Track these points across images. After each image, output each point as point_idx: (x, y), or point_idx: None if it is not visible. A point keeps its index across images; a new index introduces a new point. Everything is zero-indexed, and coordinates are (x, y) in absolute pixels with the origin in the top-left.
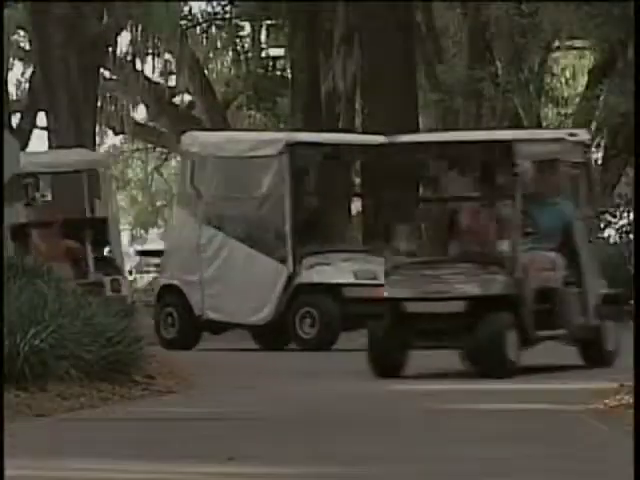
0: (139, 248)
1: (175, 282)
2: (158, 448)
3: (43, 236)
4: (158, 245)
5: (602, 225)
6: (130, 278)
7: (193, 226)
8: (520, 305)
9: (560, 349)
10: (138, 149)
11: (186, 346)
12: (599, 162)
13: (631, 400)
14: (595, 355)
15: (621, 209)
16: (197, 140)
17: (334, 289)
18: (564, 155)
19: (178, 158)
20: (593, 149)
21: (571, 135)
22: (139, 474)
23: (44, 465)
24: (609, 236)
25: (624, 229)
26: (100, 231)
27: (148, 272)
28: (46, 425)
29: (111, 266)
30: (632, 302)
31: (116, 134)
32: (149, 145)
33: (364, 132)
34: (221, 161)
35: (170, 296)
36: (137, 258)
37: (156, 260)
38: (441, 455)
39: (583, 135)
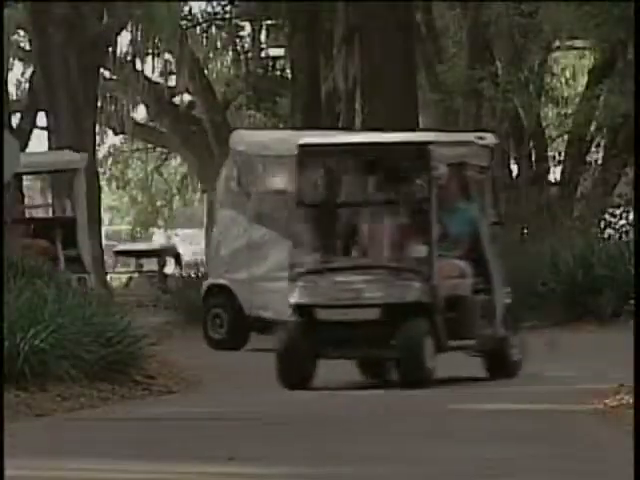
0: (117, 248)
1: (224, 282)
2: (158, 448)
3: (11, 234)
4: (144, 245)
5: (602, 225)
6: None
7: (242, 225)
8: (435, 313)
9: (460, 358)
10: (138, 149)
11: (235, 346)
12: (599, 162)
13: (631, 400)
14: (500, 366)
15: (621, 209)
16: (244, 139)
17: None
18: (472, 159)
19: (178, 158)
20: (593, 149)
21: (479, 139)
22: (139, 474)
23: (44, 465)
24: (609, 236)
25: (624, 229)
26: (70, 231)
27: (126, 272)
28: (46, 425)
29: (80, 265)
30: (632, 302)
31: (116, 134)
32: (149, 145)
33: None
34: (271, 160)
35: (218, 296)
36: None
37: (138, 260)
38: (441, 455)
39: (490, 139)
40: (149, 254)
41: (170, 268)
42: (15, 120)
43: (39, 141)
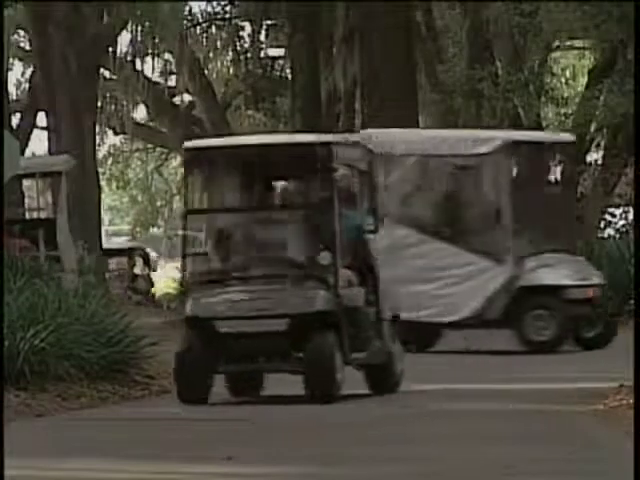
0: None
1: None
2: (158, 448)
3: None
4: (114, 244)
5: (602, 225)
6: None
7: (385, 226)
8: (341, 323)
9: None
10: (138, 149)
11: None
12: (599, 162)
13: (631, 400)
14: (384, 381)
15: (621, 209)
16: (374, 138)
17: (557, 291)
18: (358, 162)
19: (178, 158)
20: (593, 149)
21: (366, 139)
22: (139, 474)
23: (44, 465)
24: (609, 236)
25: (624, 229)
26: (52, 231)
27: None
28: (46, 425)
29: (61, 265)
30: (632, 302)
31: (116, 134)
32: (149, 145)
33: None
34: (399, 158)
35: None
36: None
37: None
38: (442, 455)
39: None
40: (119, 253)
41: (139, 268)
42: (15, 120)
43: (39, 141)
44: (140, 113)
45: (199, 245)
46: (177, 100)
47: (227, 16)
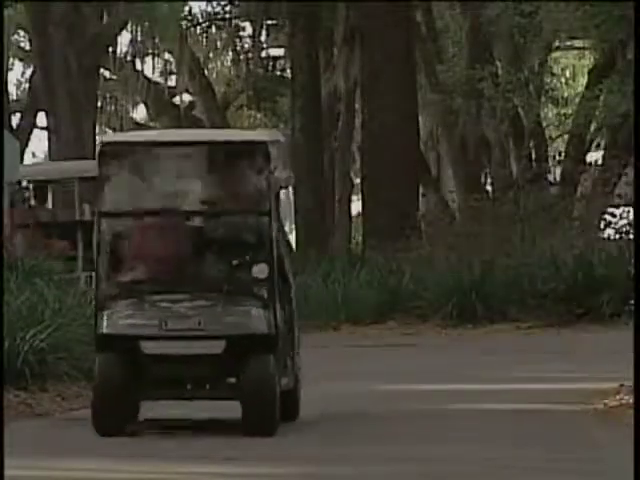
0: None
1: None
2: (157, 448)
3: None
4: None
5: (602, 225)
6: None
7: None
8: (278, 346)
9: None
10: None
11: None
12: (599, 162)
13: (631, 400)
14: (290, 407)
15: (621, 209)
16: None
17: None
18: (281, 163)
19: None
20: (593, 149)
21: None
22: (139, 474)
23: (44, 465)
24: (609, 236)
25: (624, 229)
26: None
27: None
28: (46, 425)
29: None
30: (632, 302)
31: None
32: None
33: (364, 132)
34: None
35: None
36: None
37: None
38: (442, 455)
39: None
40: None
41: None
42: (15, 120)
43: (39, 141)
44: (140, 113)
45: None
46: (177, 100)
47: (227, 16)
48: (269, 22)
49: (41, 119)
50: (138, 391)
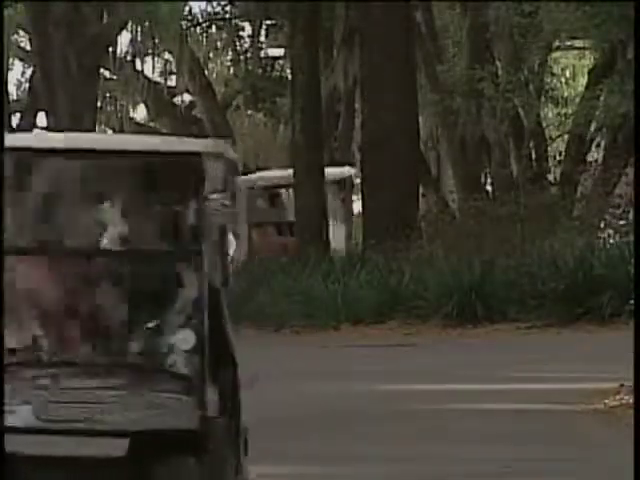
0: None
1: None
2: None
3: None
4: None
5: (602, 225)
6: None
7: None
8: (206, 446)
9: None
10: None
11: None
12: (599, 162)
13: (631, 400)
14: None
15: (621, 209)
16: None
17: None
18: (224, 183)
19: None
20: (593, 149)
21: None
22: None
23: None
24: (609, 236)
25: (624, 229)
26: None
27: None
28: None
29: None
30: (632, 302)
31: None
32: None
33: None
34: None
35: None
36: None
37: None
38: (441, 455)
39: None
40: None
41: None
42: (15, 120)
43: None
44: (140, 113)
45: None
46: (177, 100)
47: (227, 16)
48: (269, 22)
49: (41, 119)
50: None
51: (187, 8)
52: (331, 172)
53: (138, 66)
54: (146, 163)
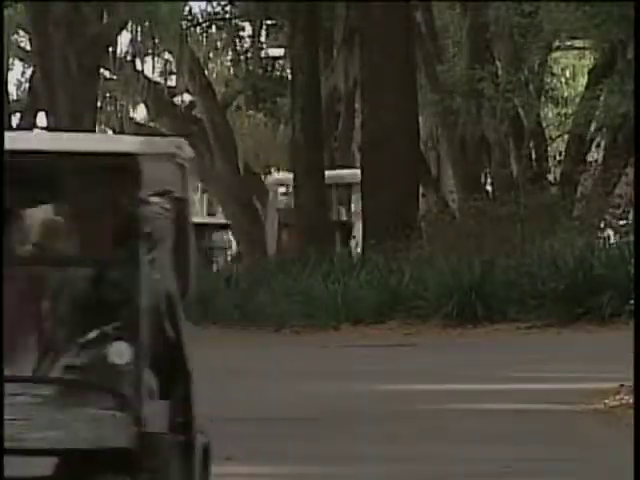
0: None
1: None
2: None
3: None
4: None
5: (602, 225)
6: None
7: None
8: (141, 466)
9: None
10: None
11: None
12: (599, 162)
13: (631, 400)
14: None
15: (621, 209)
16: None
17: None
18: (170, 185)
19: None
20: (593, 149)
21: (178, 148)
22: None
23: None
24: (609, 236)
25: (624, 229)
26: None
27: None
28: None
29: None
30: (632, 302)
31: (116, 134)
32: None
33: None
34: None
35: None
36: None
37: None
38: (441, 455)
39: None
40: None
41: None
42: (15, 120)
43: None
44: (140, 113)
45: None
46: (177, 100)
47: (227, 16)
48: (269, 22)
49: (41, 119)
50: None
51: (187, 8)
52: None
53: (138, 66)
54: (76, 164)
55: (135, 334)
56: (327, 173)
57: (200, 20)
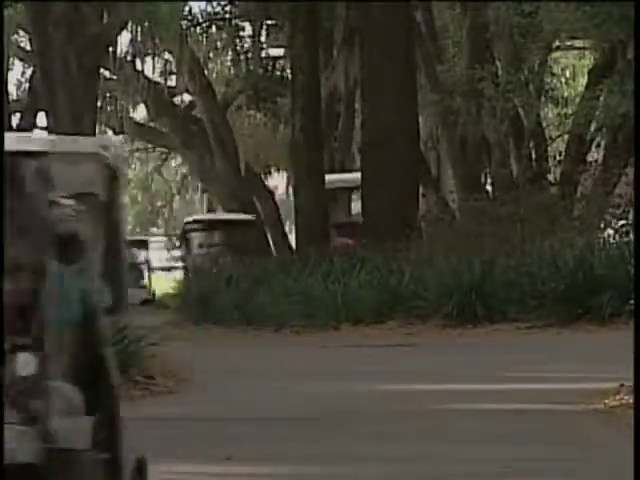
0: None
1: None
2: (158, 448)
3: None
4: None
5: (602, 225)
6: None
7: None
8: None
9: None
10: (138, 149)
11: None
12: (599, 162)
13: (631, 400)
14: None
15: (621, 209)
16: None
17: None
18: (91, 187)
19: (178, 158)
20: (593, 149)
21: (104, 148)
22: None
23: None
24: (609, 236)
25: (624, 229)
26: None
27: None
28: None
29: None
30: (632, 302)
31: (116, 134)
32: (149, 145)
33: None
34: None
35: None
36: None
37: None
38: (441, 455)
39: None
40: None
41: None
42: (15, 120)
43: None
44: (140, 113)
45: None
46: (177, 100)
47: (227, 16)
48: (269, 22)
49: (41, 119)
50: None
51: (187, 8)
52: None
53: (138, 66)
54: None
55: (40, 343)
56: (327, 177)
57: (200, 20)
